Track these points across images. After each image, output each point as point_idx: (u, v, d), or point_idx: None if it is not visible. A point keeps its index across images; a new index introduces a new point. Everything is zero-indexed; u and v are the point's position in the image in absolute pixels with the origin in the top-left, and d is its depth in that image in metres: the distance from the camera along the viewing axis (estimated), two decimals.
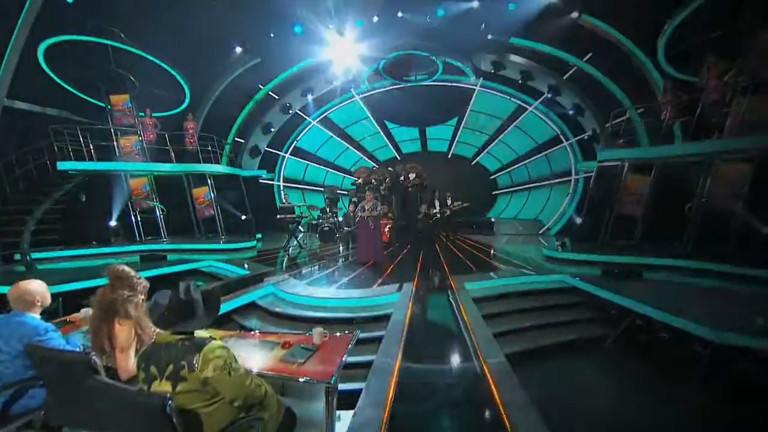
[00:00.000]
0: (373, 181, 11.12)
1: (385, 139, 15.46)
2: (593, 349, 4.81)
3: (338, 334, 2.72)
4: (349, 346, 2.54)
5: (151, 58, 9.60)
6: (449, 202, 10.74)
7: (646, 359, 4.45)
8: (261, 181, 14.24)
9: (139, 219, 10.14)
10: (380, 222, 7.61)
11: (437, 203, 10.75)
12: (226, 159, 11.99)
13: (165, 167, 10.03)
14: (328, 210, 11.44)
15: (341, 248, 9.84)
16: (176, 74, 10.31)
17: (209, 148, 10.57)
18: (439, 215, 10.55)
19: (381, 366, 3.14)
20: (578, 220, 10.28)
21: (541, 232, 13.14)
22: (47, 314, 2.52)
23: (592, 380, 4.19)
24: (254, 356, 2.37)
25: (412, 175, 10.87)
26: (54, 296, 2.60)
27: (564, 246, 8.31)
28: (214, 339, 1.80)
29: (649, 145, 8.96)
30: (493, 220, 13.49)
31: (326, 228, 10.94)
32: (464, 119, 14.31)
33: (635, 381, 4.01)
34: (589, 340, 4.95)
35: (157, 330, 2.01)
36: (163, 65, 9.91)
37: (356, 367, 3.59)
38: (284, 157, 15.02)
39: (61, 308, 5.58)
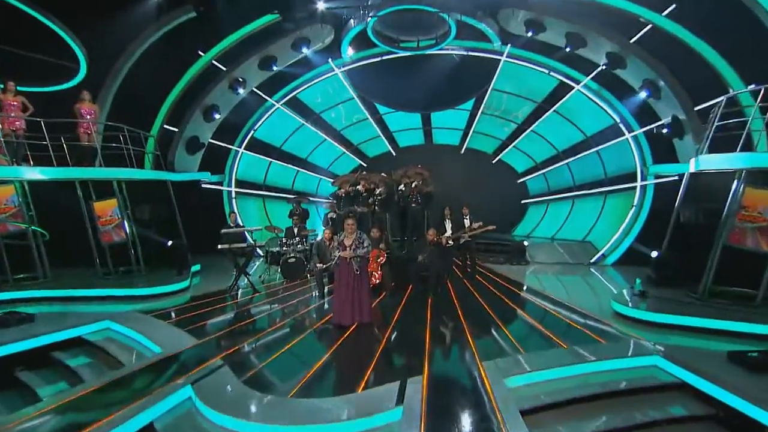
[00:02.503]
0: (361, 191, 9.77)
1: (376, 128, 14.98)
2: None
3: None
4: None
5: (16, 3, 8.24)
6: (467, 223, 9.34)
7: None
8: (204, 186, 13.53)
9: (2, 249, 8.77)
10: (370, 257, 6.67)
11: (449, 224, 9.30)
12: (149, 159, 10.80)
13: (44, 172, 8.77)
14: (295, 232, 10.14)
15: (314, 292, 8.54)
16: (61, 31, 8.98)
17: (120, 142, 9.30)
18: (452, 242, 9.08)
19: None
20: (655, 253, 8.97)
21: (593, 260, 12.37)
22: None
23: None
24: None
25: (415, 185, 9.50)
26: None
27: (644, 295, 7.23)
28: None
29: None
30: (525, 243, 12.70)
31: (291, 259, 9.58)
32: (484, 102, 13.70)
33: None
34: None
35: None
36: (37, 15, 8.58)
37: None
38: (237, 152, 14.40)
39: None
